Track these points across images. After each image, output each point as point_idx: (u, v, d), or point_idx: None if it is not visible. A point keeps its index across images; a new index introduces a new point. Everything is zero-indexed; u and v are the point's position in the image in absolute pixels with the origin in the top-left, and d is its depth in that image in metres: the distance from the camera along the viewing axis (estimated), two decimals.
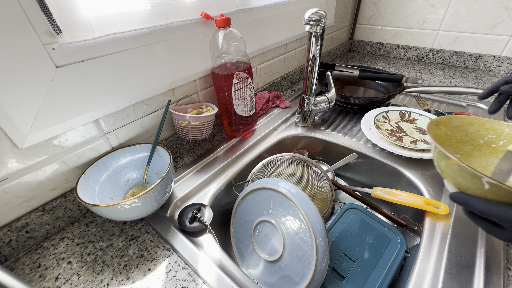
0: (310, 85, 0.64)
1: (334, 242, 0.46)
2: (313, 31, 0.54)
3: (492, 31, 0.95)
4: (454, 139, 0.44)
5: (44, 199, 0.43)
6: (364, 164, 0.62)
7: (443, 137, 0.43)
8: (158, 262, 0.40)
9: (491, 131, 0.42)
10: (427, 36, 1.09)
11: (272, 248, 0.40)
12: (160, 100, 0.54)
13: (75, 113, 0.41)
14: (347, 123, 0.72)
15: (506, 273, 0.36)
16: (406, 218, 0.55)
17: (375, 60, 1.20)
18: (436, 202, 0.45)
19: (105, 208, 0.37)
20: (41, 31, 0.35)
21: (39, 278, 0.38)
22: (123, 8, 0.44)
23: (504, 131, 0.41)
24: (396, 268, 0.42)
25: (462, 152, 0.44)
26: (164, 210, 0.48)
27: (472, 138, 0.43)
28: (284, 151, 0.62)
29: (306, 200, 0.38)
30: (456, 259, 0.38)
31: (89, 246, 0.42)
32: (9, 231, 0.39)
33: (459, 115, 0.44)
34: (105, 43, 0.42)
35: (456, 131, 0.43)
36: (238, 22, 0.64)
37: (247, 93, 0.61)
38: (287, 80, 0.93)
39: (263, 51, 0.76)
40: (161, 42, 0.50)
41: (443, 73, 1.01)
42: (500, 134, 0.41)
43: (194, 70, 0.57)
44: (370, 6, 1.20)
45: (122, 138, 0.51)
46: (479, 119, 0.43)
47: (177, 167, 0.58)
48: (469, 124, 0.43)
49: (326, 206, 0.53)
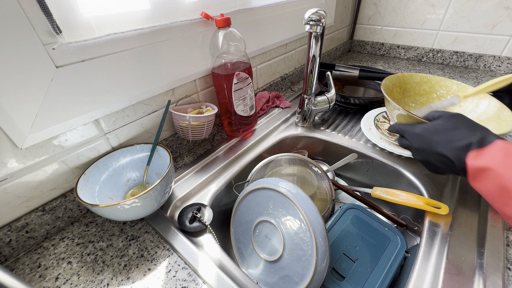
0: (310, 85, 0.64)
1: (334, 242, 0.46)
2: (313, 31, 0.54)
3: (492, 31, 0.95)
4: (413, 92, 0.57)
5: (44, 199, 0.43)
6: (364, 164, 0.62)
7: (403, 90, 0.56)
8: (158, 262, 0.40)
9: (443, 87, 0.53)
10: (427, 36, 1.09)
11: (272, 248, 0.40)
12: (160, 100, 0.54)
13: (75, 113, 0.41)
14: (347, 123, 0.72)
15: (506, 273, 0.36)
16: (406, 218, 0.55)
17: (375, 60, 1.20)
18: (436, 202, 0.45)
19: (105, 208, 0.37)
20: (41, 31, 0.35)
21: (39, 278, 0.38)
22: (123, 8, 0.44)
23: (452, 88, 0.52)
24: (396, 268, 0.42)
25: (418, 103, 0.56)
26: (164, 210, 0.48)
27: (428, 92, 0.55)
28: (284, 151, 0.62)
29: (306, 200, 0.38)
30: (456, 259, 0.38)
31: (89, 246, 0.42)
32: (9, 231, 0.39)
33: (420, 74, 0.56)
34: (105, 43, 0.42)
35: (416, 85, 0.56)
36: (238, 22, 0.64)
37: (247, 93, 0.61)
38: (287, 80, 0.93)
39: (263, 51, 0.76)
40: (161, 42, 0.50)
41: (443, 73, 1.01)
42: (449, 90, 0.52)
43: (194, 70, 0.57)
44: (370, 6, 1.20)
45: (122, 138, 0.51)
46: (436, 77, 0.54)
47: (177, 167, 0.58)
48: (427, 81, 0.55)
49: (326, 206, 0.53)
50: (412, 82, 0.56)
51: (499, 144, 0.29)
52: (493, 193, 0.29)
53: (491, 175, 0.29)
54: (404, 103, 0.57)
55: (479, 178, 0.30)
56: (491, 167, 0.28)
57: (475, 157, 0.30)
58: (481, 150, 0.30)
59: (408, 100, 0.56)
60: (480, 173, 0.30)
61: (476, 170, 0.30)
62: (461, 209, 0.45)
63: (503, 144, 0.29)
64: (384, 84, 0.53)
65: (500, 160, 0.28)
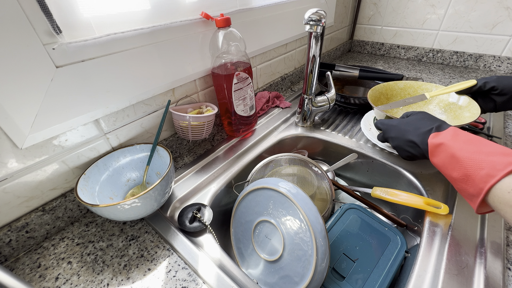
0: (310, 85, 0.64)
1: (334, 242, 0.46)
2: (313, 31, 0.54)
3: (492, 31, 0.95)
4: (399, 97, 0.67)
5: (44, 199, 0.43)
6: (364, 164, 0.62)
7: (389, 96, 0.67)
8: (158, 262, 0.40)
9: (424, 90, 0.63)
10: (427, 36, 1.10)
11: (272, 248, 0.40)
12: (160, 100, 0.54)
13: (75, 113, 0.41)
14: (347, 123, 0.72)
15: (506, 273, 0.36)
16: (406, 218, 0.55)
17: (375, 60, 1.20)
18: (436, 202, 0.45)
19: (105, 208, 0.37)
20: (41, 31, 0.35)
21: (39, 278, 0.38)
22: (123, 8, 0.44)
23: (432, 90, 0.62)
24: (396, 268, 0.42)
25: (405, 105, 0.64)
26: (164, 210, 0.48)
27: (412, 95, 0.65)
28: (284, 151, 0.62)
29: (306, 200, 0.38)
30: (456, 259, 0.38)
31: (89, 246, 0.42)
32: (9, 231, 0.39)
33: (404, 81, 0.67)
34: (105, 43, 0.42)
35: (401, 91, 0.67)
36: (238, 22, 0.64)
37: (247, 93, 0.61)
38: (287, 80, 0.93)
39: (263, 51, 0.76)
40: (161, 42, 0.50)
41: (443, 73, 1.01)
42: (430, 91, 0.62)
43: (194, 70, 0.57)
44: (370, 6, 1.20)
45: (122, 138, 0.51)
46: (418, 82, 0.65)
47: (177, 167, 0.58)
48: (410, 86, 0.66)
49: (326, 206, 0.53)
50: (397, 88, 0.67)
51: (451, 129, 0.41)
52: (445, 162, 0.38)
53: (444, 148, 0.38)
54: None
55: (435, 153, 0.40)
56: (444, 142, 0.38)
57: (434, 137, 0.41)
58: (439, 133, 0.41)
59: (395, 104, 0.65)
60: (436, 148, 0.40)
61: (434, 146, 0.40)
62: (461, 209, 0.45)
63: (454, 129, 0.40)
64: (370, 94, 0.63)
65: (451, 137, 0.38)
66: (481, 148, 0.34)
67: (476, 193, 0.33)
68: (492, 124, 0.67)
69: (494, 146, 0.34)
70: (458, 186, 0.37)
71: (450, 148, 0.37)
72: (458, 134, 0.39)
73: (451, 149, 0.37)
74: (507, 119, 0.69)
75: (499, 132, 0.63)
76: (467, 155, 0.35)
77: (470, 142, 0.36)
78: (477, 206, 0.33)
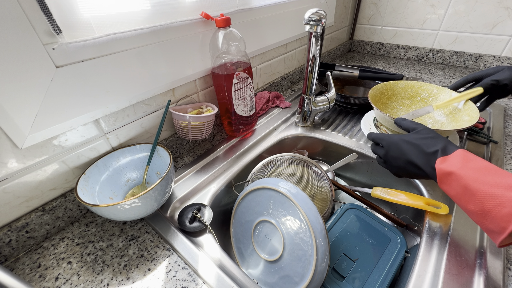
0: (310, 85, 0.64)
1: (334, 242, 0.46)
2: (313, 31, 0.54)
3: (492, 31, 0.95)
4: (400, 96, 0.65)
5: (44, 199, 0.43)
6: (364, 164, 0.62)
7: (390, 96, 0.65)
8: (158, 262, 0.40)
9: (425, 91, 0.62)
10: (427, 36, 1.09)
11: (272, 248, 0.40)
12: (160, 100, 0.54)
13: (75, 113, 0.41)
14: (347, 123, 0.72)
15: (506, 273, 0.36)
16: (406, 218, 0.55)
17: (375, 60, 1.20)
18: (436, 202, 0.45)
19: (105, 208, 0.37)
20: (41, 31, 0.35)
21: (39, 278, 0.38)
22: (123, 8, 0.44)
23: (433, 91, 0.61)
24: (396, 268, 0.42)
25: (405, 105, 0.64)
26: (164, 210, 0.48)
27: (413, 96, 0.64)
28: (284, 151, 0.62)
29: (306, 200, 0.38)
30: (456, 259, 0.38)
31: (89, 246, 0.42)
32: (9, 231, 0.39)
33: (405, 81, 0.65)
34: (105, 43, 0.42)
35: (401, 91, 0.65)
36: (238, 22, 0.64)
37: (247, 93, 0.61)
38: (287, 80, 0.93)
39: (263, 51, 0.76)
40: (161, 42, 0.50)
41: (443, 73, 1.01)
42: (430, 92, 0.62)
43: (194, 70, 0.57)
44: (370, 6, 1.20)
45: (122, 138, 0.51)
46: (418, 83, 0.63)
47: (177, 167, 0.58)
48: (411, 86, 0.64)
49: (326, 206, 0.53)
50: (398, 88, 0.65)
51: (459, 152, 0.36)
52: (457, 193, 0.34)
53: (455, 178, 0.34)
54: (393, 106, 0.65)
55: (446, 181, 0.36)
56: (454, 172, 0.34)
57: (441, 162, 0.36)
58: (446, 158, 0.36)
59: (395, 104, 0.65)
60: (446, 177, 0.35)
61: (444, 174, 0.36)
62: (461, 209, 0.45)
63: (463, 152, 0.36)
64: (371, 93, 0.60)
65: (461, 165, 0.34)
66: (498, 180, 0.31)
67: (498, 230, 0.30)
68: (492, 124, 0.67)
69: (511, 178, 0.31)
70: (475, 219, 0.33)
71: (462, 179, 0.33)
72: (468, 160, 0.35)
73: (463, 180, 0.33)
74: (507, 119, 0.69)
75: (499, 132, 0.63)
76: (483, 188, 0.31)
77: (484, 171, 0.33)
78: (499, 243, 0.31)
